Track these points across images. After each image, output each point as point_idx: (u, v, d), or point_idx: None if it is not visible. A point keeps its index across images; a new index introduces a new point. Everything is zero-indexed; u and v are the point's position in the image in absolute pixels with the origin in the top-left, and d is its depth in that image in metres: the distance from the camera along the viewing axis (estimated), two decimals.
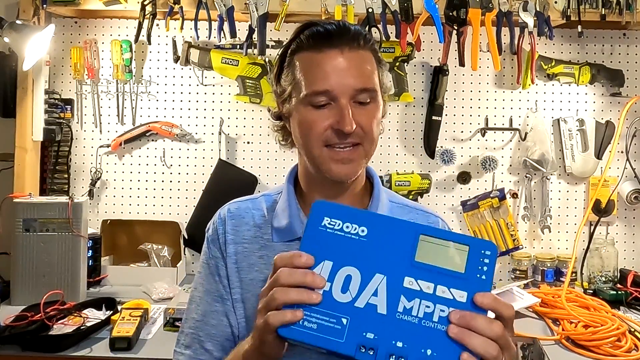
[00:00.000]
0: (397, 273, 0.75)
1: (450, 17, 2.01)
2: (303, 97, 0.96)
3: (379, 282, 0.75)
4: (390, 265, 0.76)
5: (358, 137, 0.96)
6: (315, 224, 0.79)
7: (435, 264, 0.75)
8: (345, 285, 0.75)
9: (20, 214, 1.83)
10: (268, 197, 1.09)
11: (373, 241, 0.77)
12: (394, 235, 0.77)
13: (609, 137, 2.20)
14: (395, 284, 0.75)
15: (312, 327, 0.73)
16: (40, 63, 2.07)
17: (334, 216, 0.79)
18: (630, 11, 2.01)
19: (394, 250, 0.76)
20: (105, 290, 2.00)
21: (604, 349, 1.55)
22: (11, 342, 1.51)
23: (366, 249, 0.77)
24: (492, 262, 0.75)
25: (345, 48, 0.95)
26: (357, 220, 0.78)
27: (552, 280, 2.14)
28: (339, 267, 0.76)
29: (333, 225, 0.78)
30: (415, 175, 2.19)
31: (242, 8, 2.01)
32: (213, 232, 1.07)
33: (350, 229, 0.78)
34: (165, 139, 2.26)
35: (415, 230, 0.78)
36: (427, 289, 0.74)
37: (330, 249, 0.77)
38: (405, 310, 0.73)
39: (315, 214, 0.79)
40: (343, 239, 0.77)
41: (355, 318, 0.74)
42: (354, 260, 0.76)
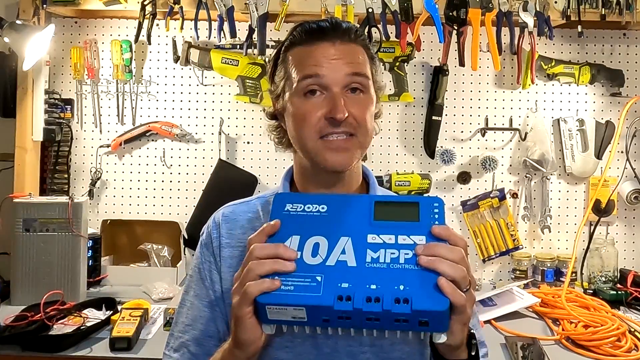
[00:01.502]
0: (360, 233, 0.84)
1: (450, 17, 2.01)
2: (295, 87, 0.96)
3: (345, 243, 0.83)
4: (353, 228, 0.85)
5: (351, 127, 0.95)
6: (279, 211, 0.87)
7: (393, 220, 0.85)
8: (314, 251, 0.83)
9: (20, 214, 1.83)
10: (263, 199, 1.08)
11: (333, 214, 0.87)
12: (351, 207, 0.87)
13: (609, 137, 2.20)
14: (360, 242, 0.83)
15: (289, 290, 0.79)
16: (40, 63, 2.07)
17: (295, 202, 0.88)
18: (630, 11, 2.01)
19: (353, 217, 0.86)
20: (105, 290, 2.00)
21: (604, 349, 1.55)
22: (11, 342, 1.51)
23: (329, 220, 0.86)
24: (441, 212, 0.85)
25: (337, 41, 0.96)
26: (317, 201, 0.88)
27: (552, 280, 2.14)
28: (306, 238, 0.84)
29: (295, 209, 0.88)
30: (415, 175, 2.19)
31: (242, 8, 2.01)
32: (207, 237, 1.06)
33: (311, 209, 0.87)
34: (165, 139, 2.26)
35: (370, 199, 0.89)
36: (390, 240, 0.83)
37: (296, 226, 0.85)
38: (373, 260, 0.81)
39: (277, 203, 0.88)
40: (306, 216, 0.87)
41: (329, 274, 0.80)
42: (319, 230, 0.85)
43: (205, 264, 1.04)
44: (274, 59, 1.03)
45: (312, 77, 0.94)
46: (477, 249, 2.23)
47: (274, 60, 1.03)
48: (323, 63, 0.94)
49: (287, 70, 0.99)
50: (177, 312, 1.07)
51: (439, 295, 0.76)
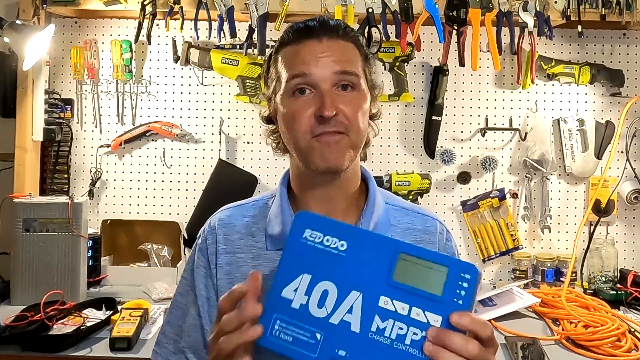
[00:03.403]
0: (373, 291, 0.75)
1: (450, 17, 2.01)
2: (284, 87, 0.95)
3: (354, 299, 0.75)
4: (367, 282, 0.75)
5: (342, 126, 0.93)
6: (297, 236, 0.79)
7: (412, 284, 0.74)
8: (321, 300, 0.76)
9: (20, 214, 1.83)
10: (260, 203, 1.06)
11: (352, 256, 0.77)
12: (373, 252, 0.76)
13: (609, 137, 2.20)
14: (371, 303, 0.74)
15: (287, 340, 0.75)
16: (40, 63, 2.07)
17: (316, 228, 0.79)
18: (630, 11, 2.01)
19: (372, 267, 0.76)
20: (105, 290, 2.00)
21: (604, 349, 1.55)
22: (11, 342, 1.51)
23: (345, 265, 0.77)
24: (471, 286, 0.72)
25: (324, 37, 0.94)
26: (338, 233, 0.78)
27: (552, 280, 2.14)
28: (317, 281, 0.76)
29: (314, 239, 0.79)
30: (415, 175, 2.19)
31: (242, 8, 2.01)
32: (202, 241, 1.05)
33: (330, 243, 0.78)
34: (165, 139, 2.26)
35: (395, 248, 0.76)
36: (402, 310, 0.73)
37: (310, 262, 0.77)
38: (378, 330, 0.73)
39: (297, 225, 0.80)
40: (323, 253, 0.78)
41: (329, 334, 0.74)
42: (332, 275, 0.76)
43: (199, 270, 1.03)
44: (266, 62, 1.02)
45: (300, 76, 0.93)
46: (477, 249, 2.24)
47: (266, 63, 1.02)
48: (310, 61, 0.93)
49: (277, 71, 0.97)
50: (171, 312, 1.06)
51: None
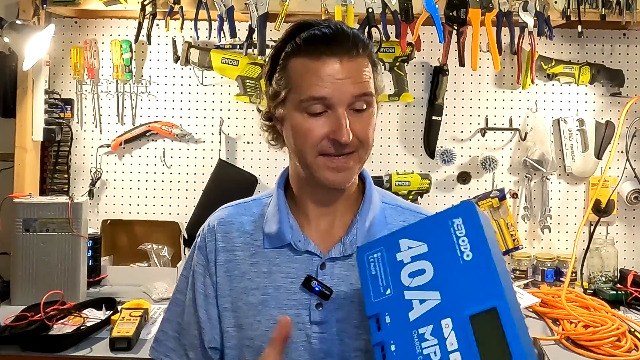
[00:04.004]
0: (449, 309, 0.74)
1: (450, 17, 2.01)
2: (298, 102, 0.93)
3: (432, 298, 0.76)
4: (453, 299, 0.75)
5: (354, 147, 0.93)
6: (450, 215, 0.78)
7: (477, 339, 0.72)
8: (414, 273, 0.78)
9: (20, 214, 1.83)
10: (258, 202, 1.07)
11: (465, 270, 0.75)
12: (480, 283, 0.74)
13: (609, 137, 2.20)
14: (438, 314, 0.75)
15: (371, 273, 0.81)
16: (40, 63, 2.07)
17: (466, 224, 0.78)
18: (630, 11, 2.01)
19: (467, 293, 0.74)
20: (105, 290, 2.00)
21: (604, 349, 1.55)
22: (11, 342, 1.51)
23: (454, 270, 0.76)
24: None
25: (344, 57, 0.91)
26: (474, 244, 0.76)
27: (552, 280, 2.14)
28: (427, 258, 0.78)
29: (457, 230, 0.78)
30: (415, 175, 2.19)
31: (242, 8, 2.01)
32: (202, 240, 1.05)
33: (462, 245, 0.77)
34: (165, 139, 2.26)
35: (496, 299, 0.73)
36: (451, 345, 0.73)
37: (438, 241, 0.78)
38: (420, 337, 0.74)
39: (459, 208, 0.78)
40: (452, 245, 0.77)
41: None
42: (439, 266, 0.77)
43: (198, 268, 1.04)
44: (272, 59, 0.99)
45: (319, 99, 0.91)
46: None
47: (271, 60, 0.98)
48: (329, 84, 0.90)
49: (288, 80, 0.94)
50: (169, 309, 1.06)
51: None
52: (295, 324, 0.95)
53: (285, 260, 0.99)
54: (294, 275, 0.98)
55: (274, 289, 0.98)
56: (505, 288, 0.73)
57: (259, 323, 0.97)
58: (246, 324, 0.98)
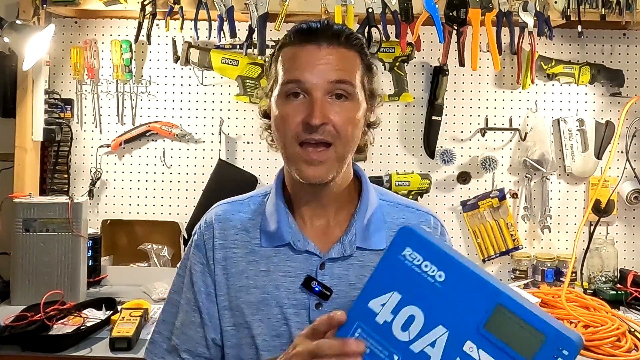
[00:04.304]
0: (461, 333, 0.70)
1: (450, 17, 2.01)
2: (279, 88, 0.95)
3: (439, 334, 0.71)
4: (457, 322, 0.71)
5: (329, 136, 0.93)
6: (396, 252, 0.75)
7: (504, 340, 0.69)
8: (406, 324, 0.73)
9: (20, 214, 1.83)
10: (255, 199, 1.07)
11: (448, 291, 0.72)
12: (470, 293, 0.71)
13: (609, 137, 2.20)
14: (456, 343, 0.70)
15: (365, 352, 0.73)
16: (40, 63, 2.07)
17: (417, 249, 0.74)
18: (630, 11, 2.01)
19: (465, 308, 0.71)
20: (105, 290, 2.00)
21: (604, 349, 1.56)
22: (11, 342, 1.51)
23: (438, 297, 0.72)
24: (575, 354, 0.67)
25: (323, 44, 0.94)
26: (439, 262, 0.73)
27: (552, 280, 2.14)
28: (406, 304, 0.73)
29: (412, 260, 0.74)
30: (415, 175, 2.19)
31: (242, 8, 2.01)
32: (199, 237, 1.05)
33: (428, 270, 0.73)
34: (165, 139, 2.26)
35: (495, 297, 0.70)
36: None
37: (403, 282, 0.74)
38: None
39: (398, 241, 0.75)
40: (418, 277, 0.73)
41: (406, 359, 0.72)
42: (423, 302, 0.73)
43: (197, 266, 1.03)
44: (270, 57, 1.02)
45: (294, 82, 0.93)
46: (477, 249, 2.23)
47: (270, 59, 1.02)
48: (306, 67, 0.93)
49: (276, 70, 0.98)
50: (165, 310, 1.06)
51: None
52: (294, 324, 0.95)
53: (284, 259, 0.99)
54: (294, 275, 0.97)
55: (274, 288, 0.97)
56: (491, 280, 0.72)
57: (260, 322, 0.96)
58: (245, 322, 0.97)
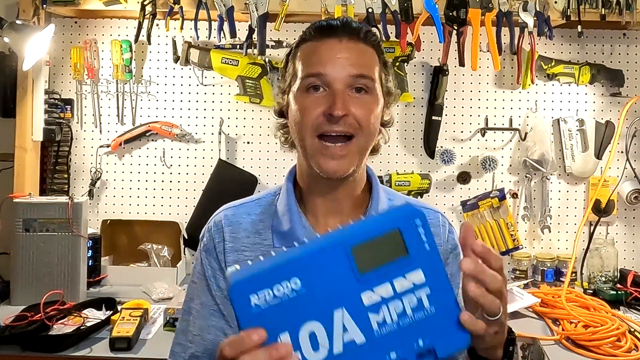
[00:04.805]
0: (353, 297, 0.70)
1: (450, 17, 2.01)
2: (299, 83, 0.95)
3: (341, 317, 0.70)
4: (342, 294, 0.70)
5: (351, 128, 0.93)
6: (247, 311, 0.69)
7: (380, 264, 0.71)
8: (314, 343, 0.70)
9: (20, 214, 1.83)
10: (264, 200, 1.06)
11: (312, 284, 0.70)
12: (328, 265, 0.70)
13: (609, 137, 2.20)
14: (357, 309, 0.70)
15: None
16: (40, 63, 2.07)
17: (257, 289, 0.70)
18: (630, 11, 2.01)
19: (336, 279, 0.70)
20: (105, 290, 2.00)
21: (604, 349, 1.55)
22: (11, 342, 1.51)
23: (310, 297, 0.70)
24: (427, 228, 0.71)
25: (344, 38, 0.95)
26: (282, 276, 0.70)
27: (552, 280, 2.14)
28: (297, 331, 0.70)
29: (264, 299, 0.70)
30: (415, 175, 2.19)
31: (242, 8, 2.01)
32: (209, 241, 1.03)
33: (282, 290, 0.70)
34: (165, 139, 2.26)
35: (344, 246, 0.71)
36: (387, 292, 0.71)
37: (276, 321, 0.69)
38: (380, 324, 0.70)
39: (238, 300, 0.70)
40: (282, 305, 0.69)
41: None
42: (307, 315, 0.70)
43: (209, 271, 1.02)
44: (286, 56, 1.02)
45: (316, 75, 0.93)
46: None
47: (285, 58, 1.02)
48: (327, 61, 0.93)
49: (294, 66, 0.98)
50: (183, 319, 1.04)
51: (459, 332, 0.71)
52: None
53: None
54: None
55: None
56: (327, 239, 0.72)
57: None
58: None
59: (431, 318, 0.71)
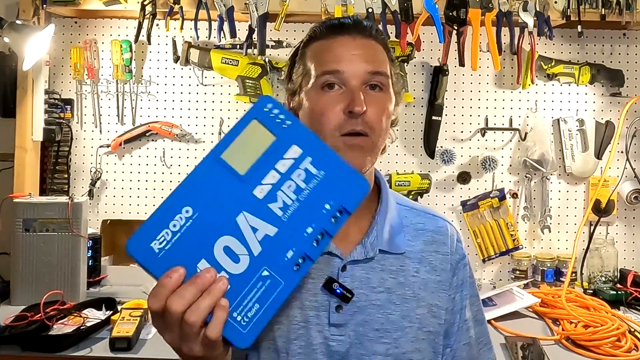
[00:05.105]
0: (246, 198, 0.72)
1: (450, 17, 2.01)
2: (313, 82, 0.93)
3: (246, 220, 0.72)
4: (236, 200, 0.72)
5: (367, 127, 0.91)
6: (153, 260, 0.71)
7: (254, 158, 0.73)
8: (232, 256, 0.71)
9: (20, 214, 1.83)
10: None
11: (204, 206, 0.72)
12: (208, 183, 0.72)
13: (609, 137, 2.20)
14: (255, 206, 0.72)
15: (257, 308, 0.70)
16: (40, 63, 2.07)
17: (154, 235, 0.71)
18: (630, 11, 2.01)
19: (223, 190, 0.72)
20: (105, 290, 2.00)
21: (604, 349, 1.56)
22: (11, 342, 1.51)
23: (208, 217, 0.71)
24: (279, 107, 0.75)
25: (357, 36, 0.94)
26: (172, 211, 0.72)
27: (552, 280, 2.14)
28: (211, 253, 0.71)
29: (165, 241, 0.71)
30: (415, 175, 2.19)
31: (242, 8, 2.01)
32: None
33: (179, 224, 0.71)
34: (165, 139, 2.26)
35: (214, 158, 0.73)
36: (274, 178, 0.73)
37: (187, 254, 0.70)
38: (283, 209, 0.72)
39: (139, 254, 0.71)
40: (185, 237, 0.71)
41: (268, 259, 0.71)
42: (213, 235, 0.71)
43: None
44: (291, 56, 1.01)
45: (332, 73, 0.92)
46: (477, 249, 2.23)
47: (291, 57, 1.01)
48: (343, 58, 0.92)
49: (305, 65, 0.96)
50: None
51: (355, 180, 0.74)
52: (315, 326, 0.93)
53: None
54: (315, 276, 0.95)
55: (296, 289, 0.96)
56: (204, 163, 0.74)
57: (280, 324, 0.94)
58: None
59: (325, 180, 0.73)
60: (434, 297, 0.99)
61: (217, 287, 0.68)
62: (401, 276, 0.97)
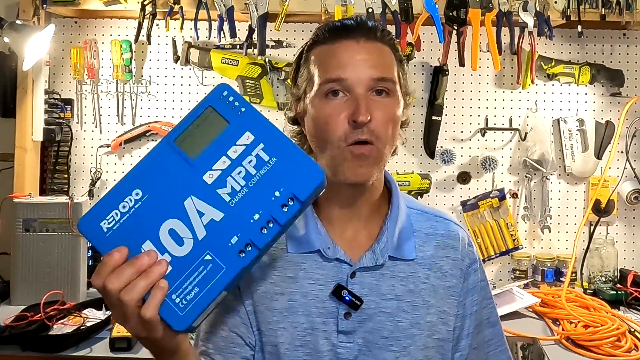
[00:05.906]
0: (195, 183, 0.73)
1: (450, 17, 2.01)
2: (317, 88, 0.91)
3: (193, 204, 0.73)
4: (184, 184, 0.73)
5: (373, 135, 0.89)
6: (101, 238, 0.72)
7: (206, 144, 0.74)
8: (177, 239, 0.72)
9: (20, 214, 1.83)
10: None
11: (153, 190, 0.73)
12: (159, 167, 0.74)
13: (609, 137, 2.20)
14: (204, 191, 0.73)
15: (196, 292, 0.71)
16: (40, 63, 2.07)
17: (105, 214, 0.73)
18: (630, 11, 2.01)
19: (173, 173, 0.73)
20: None
21: (604, 349, 1.56)
22: (11, 342, 1.51)
23: (155, 200, 0.73)
24: (235, 94, 0.75)
25: (361, 39, 0.91)
26: (123, 193, 0.73)
27: (552, 280, 2.14)
28: (157, 235, 0.72)
29: (113, 221, 0.73)
30: (415, 175, 2.19)
31: (242, 8, 2.01)
32: None
33: (128, 205, 0.73)
34: None
35: (167, 143, 0.74)
36: (225, 163, 0.73)
37: (133, 235, 0.72)
38: (231, 194, 0.73)
39: (89, 233, 0.73)
40: (132, 218, 0.72)
41: (212, 244, 0.72)
42: (159, 217, 0.72)
43: None
44: (296, 60, 0.98)
45: (336, 81, 0.89)
46: (477, 249, 2.23)
47: (296, 61, 0.98)
48: (347, 64, 0.89)
49: (309, 71, 0.94)
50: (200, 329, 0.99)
51: (309, 168, 0.73)
52: (322, 333, 0.92)
53: (313, 267, 0.95)
54: (323, 283, 0.93)
55: (302, 296, 0.93)
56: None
57: (284, 330, 0.92)
58: (268, 330, 0.93)
59: (277, 167, 0.73)
60: (444, 303, 0.97)
61: (156, 269, 0.70)
62: (411, 283, 0.96)
